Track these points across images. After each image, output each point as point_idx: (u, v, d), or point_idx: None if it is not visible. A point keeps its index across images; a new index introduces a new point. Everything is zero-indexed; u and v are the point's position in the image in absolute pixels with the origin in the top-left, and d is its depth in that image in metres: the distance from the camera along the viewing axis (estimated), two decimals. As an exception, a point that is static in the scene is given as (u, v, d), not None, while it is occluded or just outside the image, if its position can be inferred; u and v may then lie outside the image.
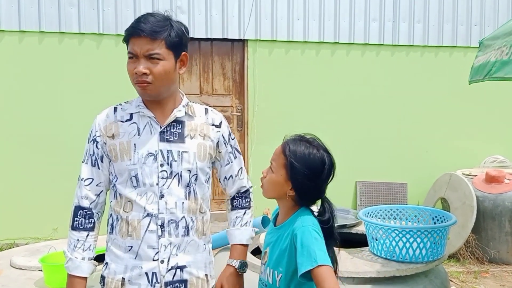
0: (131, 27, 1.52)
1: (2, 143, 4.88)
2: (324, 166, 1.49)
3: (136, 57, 1.52)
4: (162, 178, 1.56)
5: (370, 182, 5.56)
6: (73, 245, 1.58)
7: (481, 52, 2.80)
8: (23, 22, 4.84)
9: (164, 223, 1.56)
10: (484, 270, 4.32)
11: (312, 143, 1.53)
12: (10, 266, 2.40)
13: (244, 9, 5.25)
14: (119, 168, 1.57)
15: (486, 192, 4.47)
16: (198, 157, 1.62)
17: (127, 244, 1.57)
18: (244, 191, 1.84)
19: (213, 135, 1.68)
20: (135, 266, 1.55)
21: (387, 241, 2.47)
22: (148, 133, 1.58)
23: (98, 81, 4.97)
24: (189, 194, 1.60)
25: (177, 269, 1.58)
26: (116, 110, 1.63)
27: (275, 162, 1.54)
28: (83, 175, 1.62)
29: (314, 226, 1.46)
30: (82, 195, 1.60)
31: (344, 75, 5.48)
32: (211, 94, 5.40)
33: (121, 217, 1.58)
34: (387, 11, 5.52)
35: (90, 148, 1.62)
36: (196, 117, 1.67)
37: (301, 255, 1.39)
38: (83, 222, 1.59)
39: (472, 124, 5.73)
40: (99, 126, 1.61)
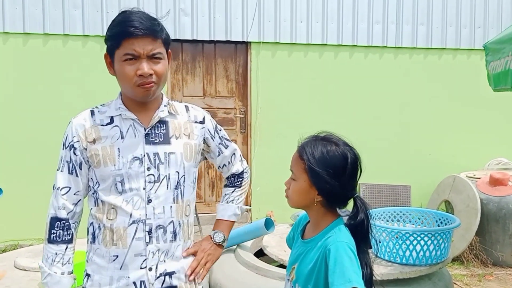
0: (130, 27, 1.42)
1: (6, 145, 4.89)
2: (347, 161, 1.37)
3: (135, 58, 1.45)
4: (149, 182, 1.50)
5: (373, 184, 5.55)
6: (51, 259, 1.49)
7: (491, 57, 2.78)
8: (28, 24, 4.86)
9: (152, 229, 1.50)
10: (488, 273, 4.30)
11: (330, 139, 1.42)
12: (14, 267, 2.41)
13: (247, 11, 5.26)
14: (102, 174, 1.49)
15: (490, 195, 4.45)
16: (185, 158, 1.57)
17: (112, 254, 1.49)
18: (239, 173, 1.81)
19: (198, 132, 1.63)
20: (122, 276, 1.49)
21: (390, 243, 2.46)
22: (132, 136, 1.51)
23: (102, 83, 4.98)
24: (177, 197, 1.55)
25: (166, 276, 1.53)
26: (94, 114, 1.55)
27: (294, 169, 1.44)
28: (59, 184, 1.52)
29: (349, 243, 1.35)
30: (59, 205, 1.51)
31: (347, 77, 5.48)
32: (214, 96, 5.40)
33: (104, 226, 1.50)
34: (391, 13, 5.52)
35: (67, 155, 1.53)
36: (179, 115, 1.61)
37: (333, 274, 1.29)
38: (61, 234, 1.51)
39: (475, 126, 5.71)
40: (76, 131, 1.52)
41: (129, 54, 1.45)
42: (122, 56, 1.45)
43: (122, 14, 1.49)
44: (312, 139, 1.44)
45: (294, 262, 1.51)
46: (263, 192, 5.27)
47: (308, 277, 1.41)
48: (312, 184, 1.39)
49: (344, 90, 5.48)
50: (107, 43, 1.50)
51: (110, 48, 1.49)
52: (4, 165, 4.88)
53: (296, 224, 1.64)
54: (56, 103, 4.95)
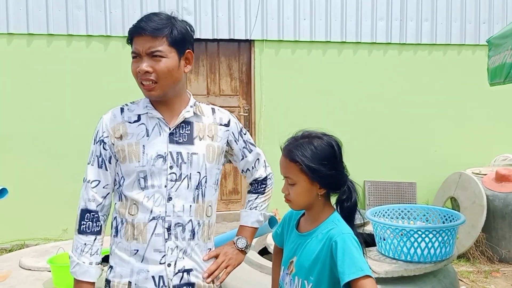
0: (133, 26, 1.51)
1: (11, 145, 4.92)
2: (334, 148, 1.46)
3: (139, 56, 1.51)
4: (170, 180, 1.54)
5: (379, 181, 5.53)
6: (80, 250, 1.55)
7: (492, 52, 2.76)
8: (32, 25, 4.89)
9: (170, 226, 1.54)
10: (494, 270, 4.28)
11: (311, 135, 1.48)
12: (19, 267, 2.42)
13: (250, 9, 5.25)
14: (126, 169, 1.55)
15: (496, 191, 4.43)
16: (207, 159, 1.60)
17: (133, 248, 1.54)
18: (262, 178, 1.82)
19: (222, 135, 1.66)
20: (141, 270, 1.53)
21: (394, 241, 2.45)
22: (157, 134, 1.56)
23: (106, 83, 5.00)
24: (197, 197, 1.58)
25: (184, 272, 1.56)
26: (123, 111, 1.60)
27: (290, 174, 1.47)
28: (89, 177, 1.58)
29: (353, 234, 1.41)
30: (89, 197, 1.56)
31: (351, 74, 5.46)
32: (218, 95, 5.40)
33: (126, 220, 1.55)
34: (394, 9, 5.49)
35: (97, 149, 1.58)
36: (204, 117, 1.65)
37: (343, 264, 1.33)
38: (90, 225, 1.56)
39: (481, 123, 5.68)
40: (106, 126, 1.57)
41: (133, 53, 1.52)
42: (131, 54, 1.53)
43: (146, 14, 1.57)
44: (295, 141, 1.49)
45: (292, 255, 1.53)
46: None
47: (310, 269, 1.44)
48: (313, 181, 1.44)
49: (348, 87, 5.46)
50: None
51: None
52: (9, 165, 4.91)
53: (286, 219, 1.67)
54: (61, 103, 4.97)
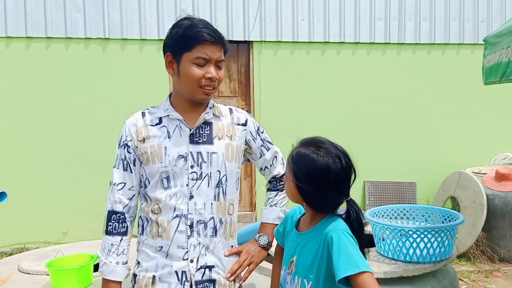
0: (205, 33, 1.54)
1: (10, 148, 4.92)
2: (329, 172, 1.37)
3: (206, 62, 1.56)
4: (192, 179, 1.60)
5: (379, 181, 5.52)
6: (108, 250, 1.62)
7: (488, 51, 2.76)
8: (30, 28, 4.89)
9: (193, 223, 1.59)
10: (495, 269, 4.27)
11: (319, 147, 1.41)
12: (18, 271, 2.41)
13: (248, 10, 5.25)
14: (150, 171, 1.61)
15: (496, 190, 4.42)
16: (227, 158, 1.65)
17: (158, 245, 1.61)
18: (281, 176, 1.85)
19: (240, 134, 1.72)
20: (166, 265, 1.60)
21: (393, 241, 2.45)
22: (178, 135, 1.62)
23: (104, 86, 5.00)
24: (218, 195, 1.63)
25: (206, 269, 1.61)
26: (144, 115, 1.66)
27: (286, 169, 1.51)
28: (115, 180, 1.64)
29: (348, 230, 1.39)
30: (115, 199, 1.63)
31: (350, 74, 5.46)
32: (217, 96, 5.40)
33: (151, 219, 1.62)
34: (393, 9, 5.49)
35: (122, 153, 1.64)
36: (223, 117, 1.71)
37: (338, 260, 1.33)
38: (117, 226, 1.63)
39: (481, 122, 5.67)
40: (129, 130, 1.63)
41: (201, 58, 1.56)
42: (193, 58, 1.56)
43: (189, 20, 1.60)
44: (302, 146, 1.46)
45: (292, 254, 1.54)
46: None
47: (309, 267, 1.44)
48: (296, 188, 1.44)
49: (347, 88, 5.46)
50: (174, 43, 1.58)
51: (177, 49, 1.58)
52: (9, 168, 4.91)
53: (287, 218, 1.68)
54: (59, 106, 4.98)
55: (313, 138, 1.47)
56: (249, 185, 5.51)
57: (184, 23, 1.59)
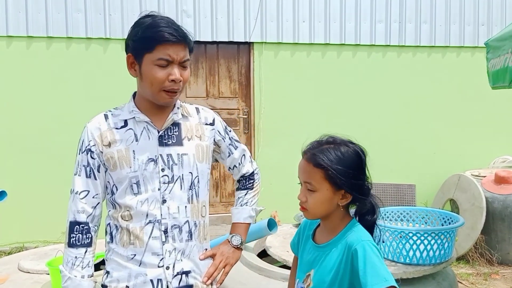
0: (166, 32, 1.46)
1: (11, 147, 4.92)
2: (361, 157, 1.40)
3: (169, 63, 1.49)
4: (163, 183, 1.54)
5: (378, 183, 5.51)
6: (71, 263, 1.52)
7: (491, 55, 2.76)
8: (31, 27, 4.89)
9: (167, 229, 1.53)
10: (494, 272, 4.28)
11: (336, 142, 1.41)
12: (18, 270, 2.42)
13: (249, 12, 5.26)
14: (118, 176, 1.53)
15: (495, 193, 4.43)
16: (197, 159, 1.60)
17: (130, 253, 1.53)
18: (250, 174, 1.83)
19: (209, 134, 1.67)
20: (140, 274, 1.52)
21: (393, 243, 2.45)
22: (146, 138, 1.55)
23: (105, 86, 5.01)
24: (192, 198, 1.58)
25: (183, 275, 1.56)
26: (108, 117, 1.58)
27: (312, 180, 1.38)
28: (78, 188, 1.54)
29: (372, 241, 1.35)
30: (78, 209, 1.53)
31: (350, 76, 5.46)
32: (217, 97, 5.41)
33: (121, 226, 1.54)
34: (393, 12, 5.50)
35: (83, 159, 1.55)
36: (191, 117, 1.66)
37: (365, 273, 1.27)
38: (80, 238, 1.53)
39: (480, 125, 5.68)
40: (92, 135, 1.55)
41: (163, 59, 1.48)
42: (155, 60, 1.47)
43: (151, 18, 1.51)
44: (319, 146, 1.41)
45: (309, 268, 1.46)
46: (267, 193, 5.23)
47: (331, 283, 1.36)
48: (336, 190, 1.37)
49: (348, 90, 5.47)
50: (134, 44, 1.50)
51: (138, 50, 1.50)
52: (9, 168, 4.91)
53: (301, 228, 1.60)
54: (60, 106, 4.98)
55: (322, 138, 1.44)
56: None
57: (145, 21, 1.50)
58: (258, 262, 2.58)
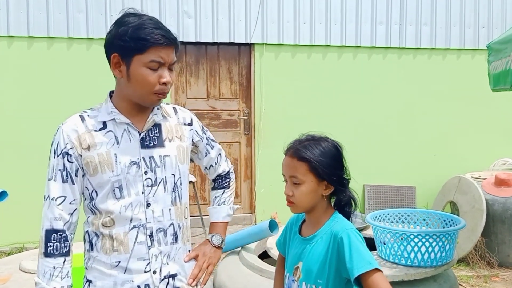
0: (159, 35, 1.42)
1: (11, 148, 4.92)
2: (339, 150, 1.52)
3: (160, 66, 1.45)
4: (147, 186, 1.50)
5: (378, 185, 5.53)
6: (50, 274, 1.43)
7: (493, 57, 2.76)
8: (32, 28, 4.89)
9: (152, 232, 1.50)
10: (494, 274, 4.28)
11: (315, 138, 1.53)
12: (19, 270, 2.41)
13: (250, 13, 5.26)
14: (99, 181, 1.47)
15: (495, 196, 4.43)
16: (179, 160, 1.57)
17: (114, 260, 1.48)
18: (226, 173, 1.82)
19: (188, 135, 1.65)
20: (126, 281, 1.48)
21: (395, 245, 2.45)
22: (127, 140, 1.50)
23: (106, 86, 4.99)
24: (175, 200, 1.56)
25: (169, 278, 1.54)
26: (84, 119, 1.52)
27: (297, 173, 1.47)
28: (53, 194, 1.46)
29: (355, 229, 1.45)
30: (55, 216, 1.45)
31: (351, 78, 5.47)
32: (218, 98, 5.41)
33: (101, 233, 1.48)
34: (394, 14, 5.51)
35: (59, 163, 1.47)
36: (170, 117, 1.62)
37: (351, 259, 1.36)
38: (58, 246, 1.44)
39: (480, 127, 5.69)
40: (68, 137, 1.48)
41: (155, 62, 1.44)
42: (147, 62, 1.43)
43: (137, 17, 1.46)
44: (300, 143, 1.52)
45: (297, 261, 1.53)
46: (267, 194, 5.26)
47: (318, 272, 1.44)
48: (320, 180, 1.46)
49: (348, 91, 5.47)
50: (123, 44, 1.43)
51: (127, 51, 1.44)
52: (9, 168, 4.91)
53: (288, 226, 1.68)
54: (61, 106, 4.97)
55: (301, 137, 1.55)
56: (249, 187, 5.51)
57: (131, 20, 1.44)
58: (259, 264, 2.58)
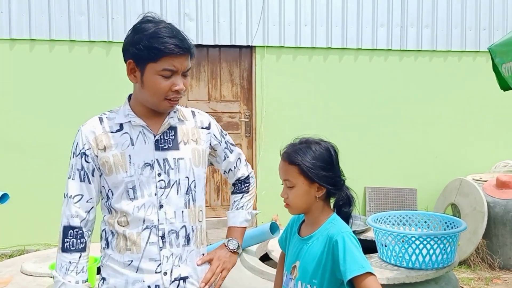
0: (173, 44, 1.44)
1: (12, 150, 4.92)
2: (331, 152, 1.53)
3: (173, 73, 1.48)
4: (160, 188, 1.53)
5: (379, 187, 5.53)
6: (65, 268, 1.49)
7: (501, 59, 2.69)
8: (34, 30, 4.90)
9: (164, 234, 1.52)
10: (495, 277, 4.27)
11: (308, 141, 1.55)
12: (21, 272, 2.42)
13: (251, 15, 5.27)
14: (114, 181, 1.51)
15: (497, 198, 4.43)
16: (194, 163, 1.59)
17: (126, 259, 1.51)
18: (245, 177, 1.83)
19: (205, 138, 1.66)
20: (137, 280, 1.51)
21: (396, 247, 2.45)
22: (142, 142, 1.53)
23: (108, 88, 5.01)
24: (189, 203, 1.57)
25: (180, 280, 1.55)
26: (102, 121, 1.56)
27: (289, 176, 1.51)
28: (71, 192, 1.52)
29: (351, 232, 1.47)
30: (72, 213, 1.51)
31: (352, 81, 5.47)
32: (219, 101, 5.42)
33: (117, 232, 1.52)
34: (395, 16, 5.52)
35: (78, 163, 1.52)
36: (187, 121, 1.64)
37: (345, 262, 1.38)
38: (75, 242, 1.50)
39: (482, 129, 5.68)
40: (86, 138, 1.52)
41: (168, 70, 1.46)
42: (159, 70, 1.45)
43: (153, 25, 1.48)
44: (293, 146, 1.55)
45: (294, 260, 1.56)
46: (268, 196, 5.26)
47: (313, 273, 1.47)
48: (311, 182, 1.49)
49: (349, 94, 5.47)
50: (137, 52, 1.46)
51: (142, 58, 1.46)
52: (11, 171, 4.91)
53: (289, 225, 1.70)
54: (62, 109, 4.99)
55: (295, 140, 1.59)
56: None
57: (147, 27, 1.47)
58: (261, 266, 2.58)
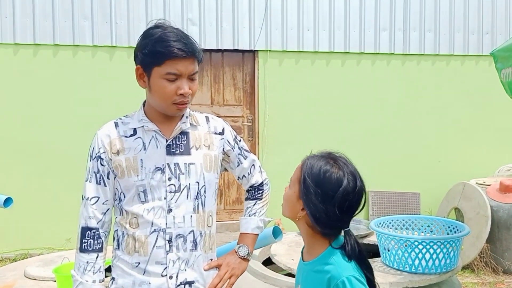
0: (175, 47, 1.46)
1: (16, 154, 4.94)
2: (339, 188, 1.27)
3: (178, 77, 1.49)
4: (170, 192, 1.54)
5: (382, 192, 5.52)
6: (83, 268, 1.54)
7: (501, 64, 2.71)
8: (38, 35, 4.93)
9: (172, 238, 1.54)
10: (499, 281, 4.25)
11: (336, 161, 1.33)
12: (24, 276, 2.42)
13: (254, 20, 5.29)
14: (126, 184, 1.55)
15: (500, 202, 4.41)
16: (205, 168, 1.60)
17: (134, 261, 1.54)
18: (259, 184, 1.82)
19: (218, 143, 1.66)
20: (143, 282, 1.53)
21: (399, 252, 2.45)
22: (154, 147, 1.56)
23: (111, 93, 5.04)
24: (198, 207, 1.58)
25: (186, 285, 1.55)
26: (118, 125, 1.60)
27: (293, 176, 1.40)
28: (88, 194, 1.57)
29: (355, 273, 1.26)
30: (89, 215, 1.56)
31: (354, 84, 5.48)
32: (222, 105, 5.43)
33: (127, 233, 1.56)
34: (397, 20, 5.52)
35: (94, 166, 1.57)
36: (200, 126, 1.65)
37: None
38: (92, 243, 1.55)
39: (485, 133, 5.67)
40: (102, 142, 1.56)
41: (172, 74, 1.48)
42: (164, 74, 1.48)
43: (160, 29, 1.50)
44: (321, 154, 1.37)
45: (298, 282, 1.48)
46: (271, 200, 5.24)
47: None
48: (300, 197, 1.33)
49: (352, 98, 5.48)
50: (143, 57, 1.50)
51: (148, 63, 1.50)
52: (14, 174, 4.93)
53: None
54: (66, 113, 5.01)
55: (332, 152, 1.38)
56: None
57: (154, 33, 1.50)
58: (263, 270, 2.58)
